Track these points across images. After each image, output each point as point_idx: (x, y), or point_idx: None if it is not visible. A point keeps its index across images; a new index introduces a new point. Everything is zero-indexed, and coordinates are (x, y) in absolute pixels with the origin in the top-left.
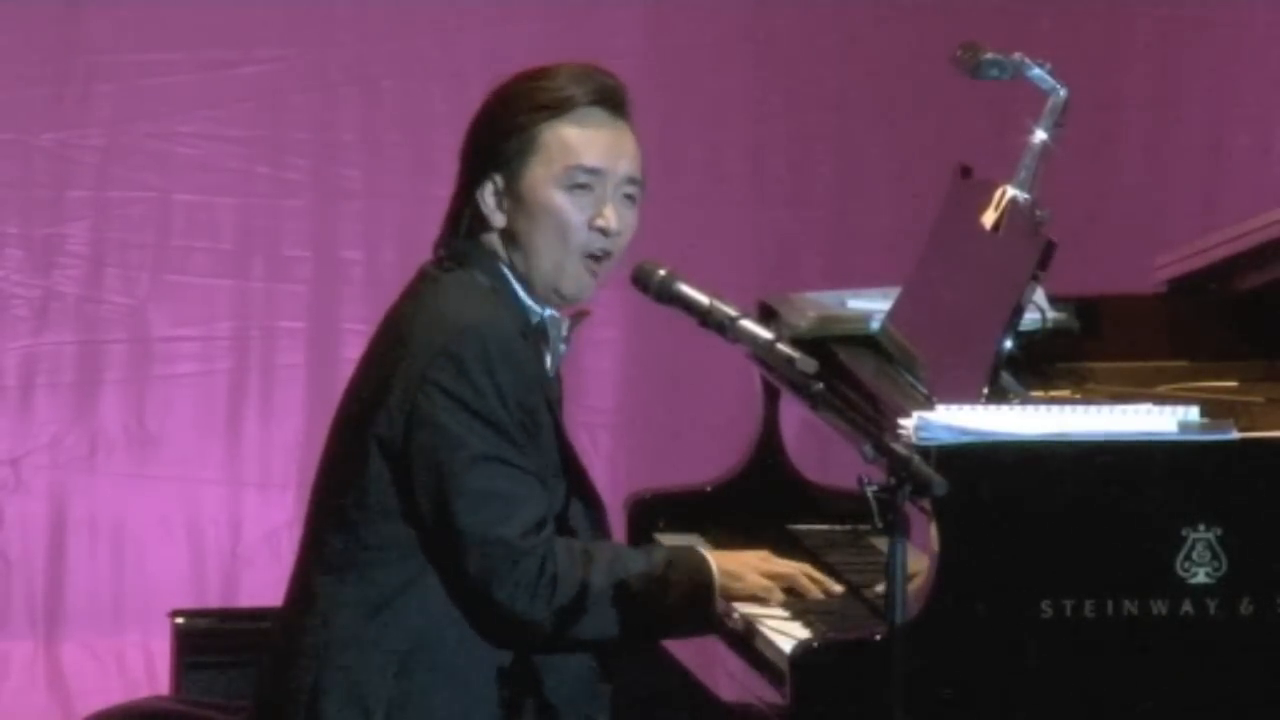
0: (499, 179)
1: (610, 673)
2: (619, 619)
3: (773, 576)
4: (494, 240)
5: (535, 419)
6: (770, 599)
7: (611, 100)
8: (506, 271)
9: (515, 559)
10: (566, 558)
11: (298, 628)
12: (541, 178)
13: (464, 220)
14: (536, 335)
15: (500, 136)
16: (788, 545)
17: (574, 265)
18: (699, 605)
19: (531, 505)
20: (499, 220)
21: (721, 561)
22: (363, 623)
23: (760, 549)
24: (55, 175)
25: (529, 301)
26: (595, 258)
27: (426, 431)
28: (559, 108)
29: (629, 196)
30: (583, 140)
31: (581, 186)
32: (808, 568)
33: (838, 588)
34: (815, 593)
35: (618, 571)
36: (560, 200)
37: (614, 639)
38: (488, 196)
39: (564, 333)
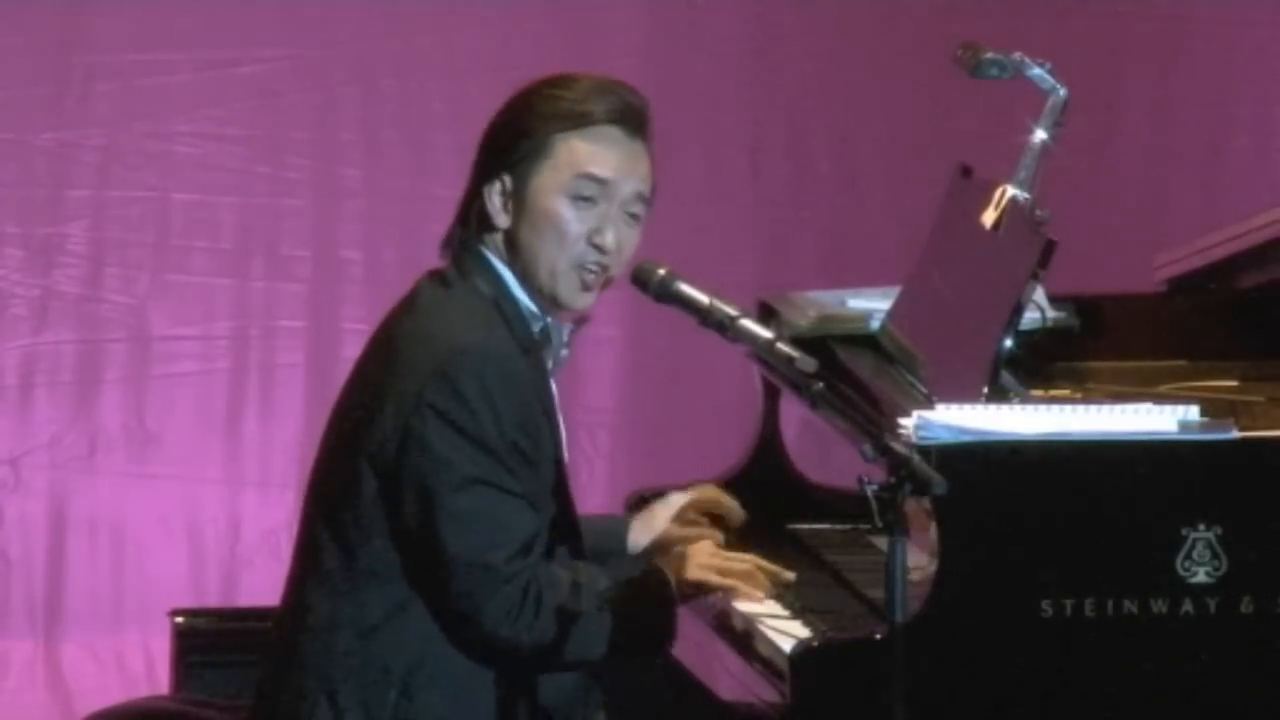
0: (507, 179)
1: (600, 675)
2: (597, 641)
3: (724, 573)
4: (497, 241)
5: (536, 441)
6: (739, 593)
7: (631, 120)
8: (508, 278)
9: (500, 583)
10: (550, 581)
11: (294, 642)
12: (549, 184)
13: (471, 218)
14: (539, 343)
15: (513, 138)
16: (788, 545)
17: (568, 273)
18: (664, 622)
19: (519, 529)
20: (503, 221)
21: (678, 570)
22: (360, 643)
23: (758, 549)
24: (55, 175)
25: (532, 307)
26: (590, 270)
27: (417, 453)
28: (576, 121)
29: (633, 215)
30: (594, 153)
31: (586, 199)
32: (758, 562)
33: (789, 575)
34: (767, 587)
35: (594, 594)
36: (563, 209)
37: (592, 660)
38: (494, 196)
39: (565, 339)
